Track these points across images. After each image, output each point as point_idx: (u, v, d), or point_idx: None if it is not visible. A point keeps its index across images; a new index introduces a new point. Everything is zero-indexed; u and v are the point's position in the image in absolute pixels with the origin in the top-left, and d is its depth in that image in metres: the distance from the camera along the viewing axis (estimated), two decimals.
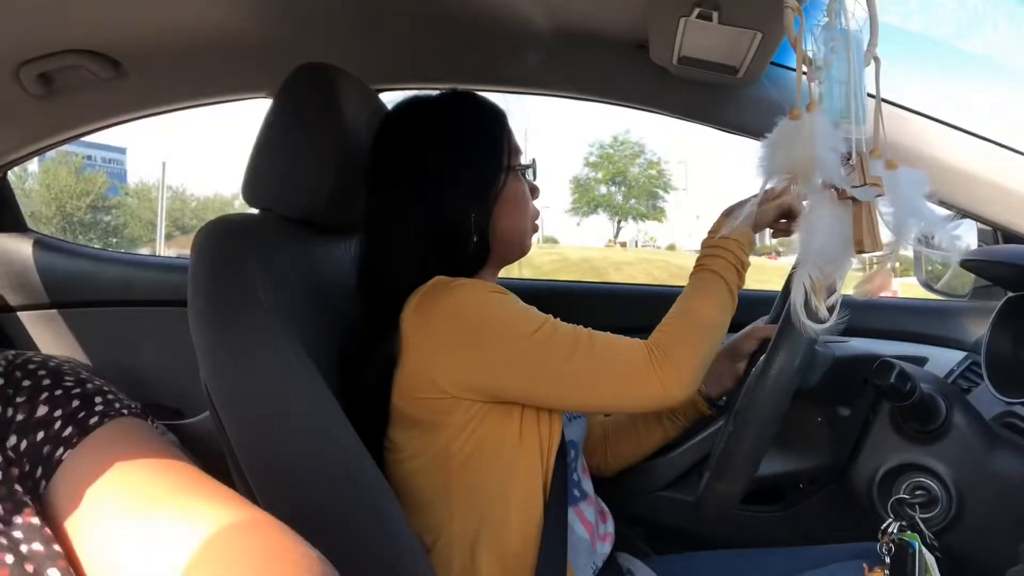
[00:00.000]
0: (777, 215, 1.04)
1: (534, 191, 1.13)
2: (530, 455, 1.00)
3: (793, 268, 0.83)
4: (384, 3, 1.33)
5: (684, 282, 1.05)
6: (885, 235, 0.69)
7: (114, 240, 25.29)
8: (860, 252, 0.68)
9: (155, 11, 1.29)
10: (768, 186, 0.72)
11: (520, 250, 1.12)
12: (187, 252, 1.04)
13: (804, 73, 0.68)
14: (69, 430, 0.56)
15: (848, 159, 0.68)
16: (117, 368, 1.82)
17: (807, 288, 0.71)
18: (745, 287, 1.05)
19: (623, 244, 32.00)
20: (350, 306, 1.10)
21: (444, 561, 1.00)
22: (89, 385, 0.59)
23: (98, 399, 0.58)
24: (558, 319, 0.99)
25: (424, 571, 0.90)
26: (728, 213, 1.05)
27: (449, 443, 0.99)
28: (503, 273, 1.19)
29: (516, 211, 1.08)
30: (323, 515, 0.88)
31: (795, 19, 0.64)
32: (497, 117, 1.10)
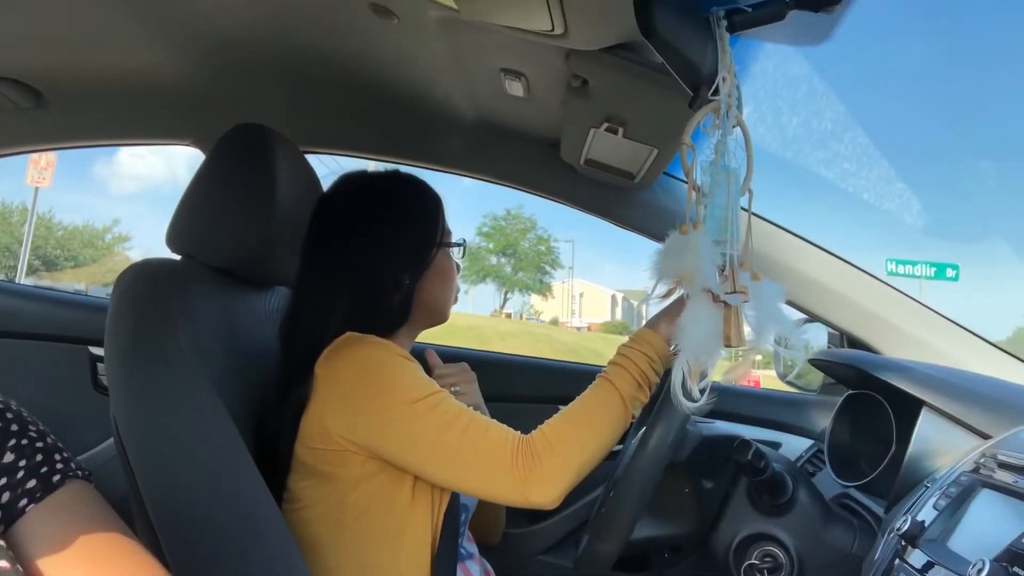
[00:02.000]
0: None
1: (457, 268, 1.23)
2: (421, 514, 1.05)
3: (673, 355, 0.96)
4: (316, 70, 1.40)
5: (564, 357, 1.11)
6: (749, 334, 0.86)
7: None
8: (728, 346, 0.85)
9: (84, 47, 1.30)
10: (659, 287, 0.86)
11: (441, 318, 1.20)
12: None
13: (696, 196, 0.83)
14: (33, 483, 0.60)
15: (723, 270, 0.84)
16: None
17: (684, 373, 0.85)
18: None
19: (508, 315, 32.38)
20: (265, 357, 1.14)
21: None
22: (48, 440, 0.63)
23: (57, 456, 0.63)
24: (452, 396, 1.03)
25: None
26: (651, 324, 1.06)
27: (343, 496, 1.03)
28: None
29: (443, 282, 1.18)
30: (223, 555, 0.90)
31: (688, 154, 0.80)
32: (436, 198, 1.20)
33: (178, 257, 1.15)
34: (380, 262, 1.12)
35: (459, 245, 1.21)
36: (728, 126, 0.81)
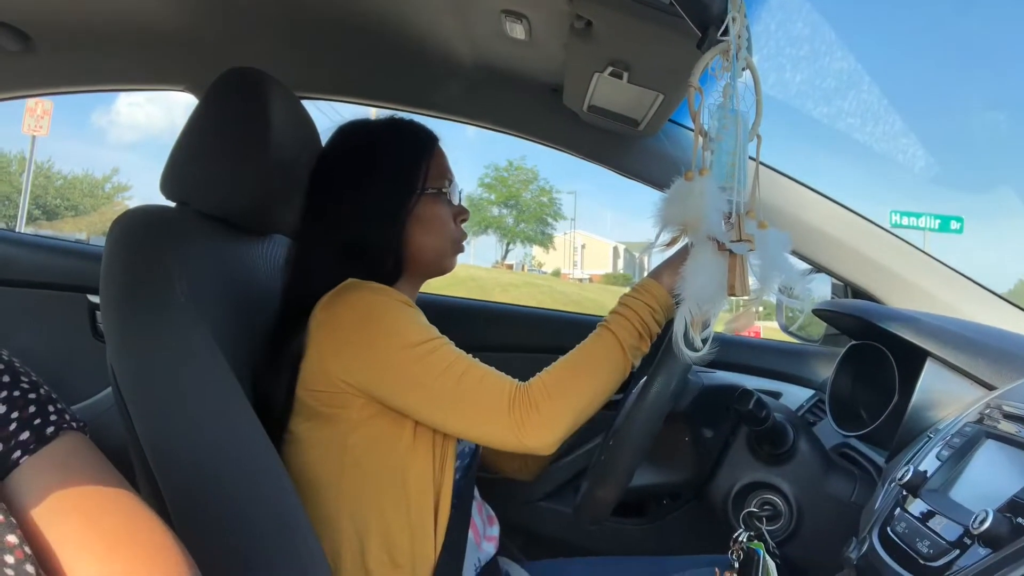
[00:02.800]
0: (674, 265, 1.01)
1: (461, 213, 1.20)
2: (423, 457, 1.05)
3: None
4: (312, 14, 1.37)
5: (567, 308, 1.09)
6: (753, 283, 0.84)
7: None
8: (731, 295, 0.83)
9: None
10: (663, 235, 0.85)
11: (436, 268, 1.18)
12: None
13: (702, 141, 0.80)
14: (26, 435, 0.59)
15: (728, 218, 0.82)
16: None
17: (687, 322, 0.84)
18: None
19: (509, 266, 32.40)
20: (263, 303, 1.14)
21: (332, 555, 1.03)
22: (42, 391, 0.62)
23: (50, 408, 0.62)
24: (452, 343, 1.03)
25: (320, 565, 0.93)
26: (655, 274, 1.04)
27: (344, 438, 1.03)
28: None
29: (430, 231, 1.14)
30: (223, 504, 0.90)
31: (696, 97, 0.77)
32: (417, 141, 1.17)
33: (173, 204, 1.13)
34: (362, 212, 1.11)
35: (437, 192, 1.16)
36: (737, 68, 0.78)
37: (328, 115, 1.42)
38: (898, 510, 0.83)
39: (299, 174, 1.16)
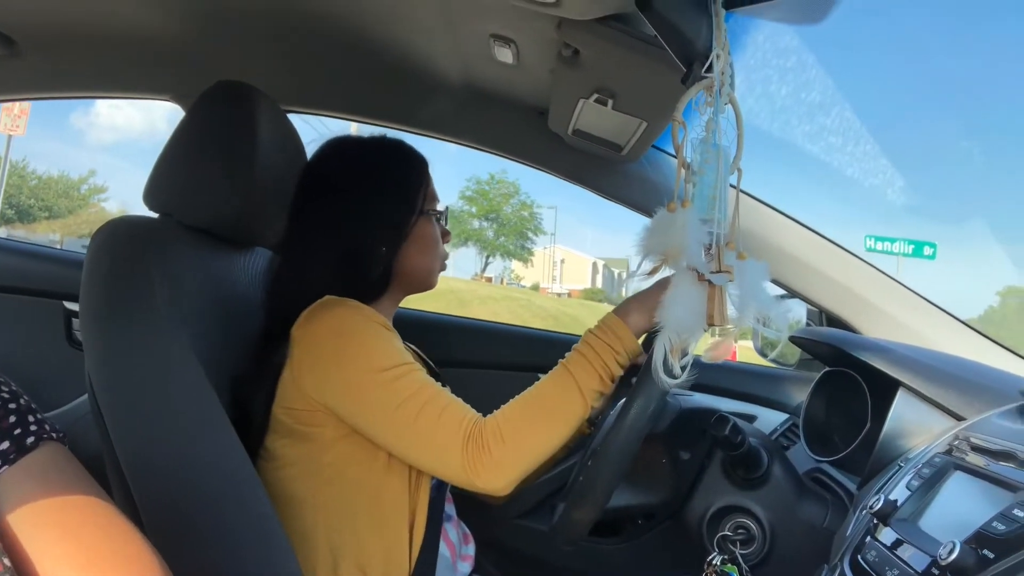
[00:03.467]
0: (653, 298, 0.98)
1: (445, 235, 1.22)
2: (398, 477, 1.06)
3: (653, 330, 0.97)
4: (301, 29, 1.37)
5: (543, 323, 1.09)
6: (731, 313, 0.86)
7: None
8: (710, 325, 0.84)
9: None
10: (644, 264, 0.86)
11: (423, 285, 1.20)
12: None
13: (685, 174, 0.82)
14: (6, 445, 0.59)
15: (709, 249, 0.84)
16: None
17: (666, 350, 0.85)
18: None
19: (489, 279, 32.38)
20: (245, 318, 1.14)
21: (306, 571, 1.02)
22: (21, 401, 0.63)
23: (31, 418, 0.62)
24: (423, 370, 1.04)
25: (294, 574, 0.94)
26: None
27: (320, 456, 1.04)
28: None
29: (424, 250, 1.17)
30: (198, 513, 0.90)
31: (679, 130, 0.79)
32: (417, 164, 1.18)
33: (156, 215, 1.13)
34: (356, 231, 1.12)
35: (439, 214, 1.19)
36: (720, 104, 0.80)
37: (316, 128, 1.43)
38: (869, 538, 0.84)
39: (284, 187, 1.16)
